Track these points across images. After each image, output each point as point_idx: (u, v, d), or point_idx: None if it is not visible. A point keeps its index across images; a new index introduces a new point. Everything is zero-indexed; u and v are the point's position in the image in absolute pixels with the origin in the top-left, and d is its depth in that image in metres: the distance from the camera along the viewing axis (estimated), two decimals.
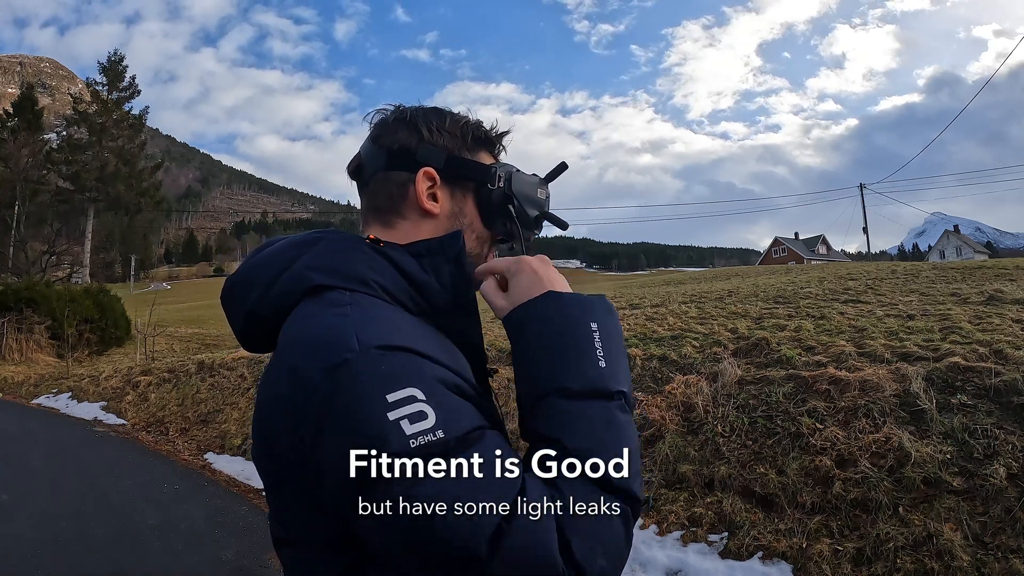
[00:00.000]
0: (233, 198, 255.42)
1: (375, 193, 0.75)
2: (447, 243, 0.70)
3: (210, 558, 3.50)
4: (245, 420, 6.44)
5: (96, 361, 13.49)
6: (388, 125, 0.74)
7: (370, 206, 0.75)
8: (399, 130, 0.73)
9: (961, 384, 3.36)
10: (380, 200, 0.74)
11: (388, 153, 0.73)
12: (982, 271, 8.73)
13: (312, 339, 0.59)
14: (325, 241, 0.70)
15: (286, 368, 0.59)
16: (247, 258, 0.75)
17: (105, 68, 40.88)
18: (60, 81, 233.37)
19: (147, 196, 41.15)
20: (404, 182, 0.72)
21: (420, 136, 0.72)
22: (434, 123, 0.73)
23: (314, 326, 0.61)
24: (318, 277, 0.65)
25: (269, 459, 0.62)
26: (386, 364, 0.55)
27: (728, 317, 6.25)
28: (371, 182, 0.75)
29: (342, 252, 0.68)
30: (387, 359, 0.55)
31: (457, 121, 0.74)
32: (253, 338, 0.72)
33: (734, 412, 3.79)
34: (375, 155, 0.74)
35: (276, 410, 0.59)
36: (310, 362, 0.56)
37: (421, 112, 0.74)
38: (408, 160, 0.72)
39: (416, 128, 0.73)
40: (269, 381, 0.62)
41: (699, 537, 3.12)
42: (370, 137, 0.76)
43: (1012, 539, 2.48)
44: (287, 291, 0.66)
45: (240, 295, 0.71)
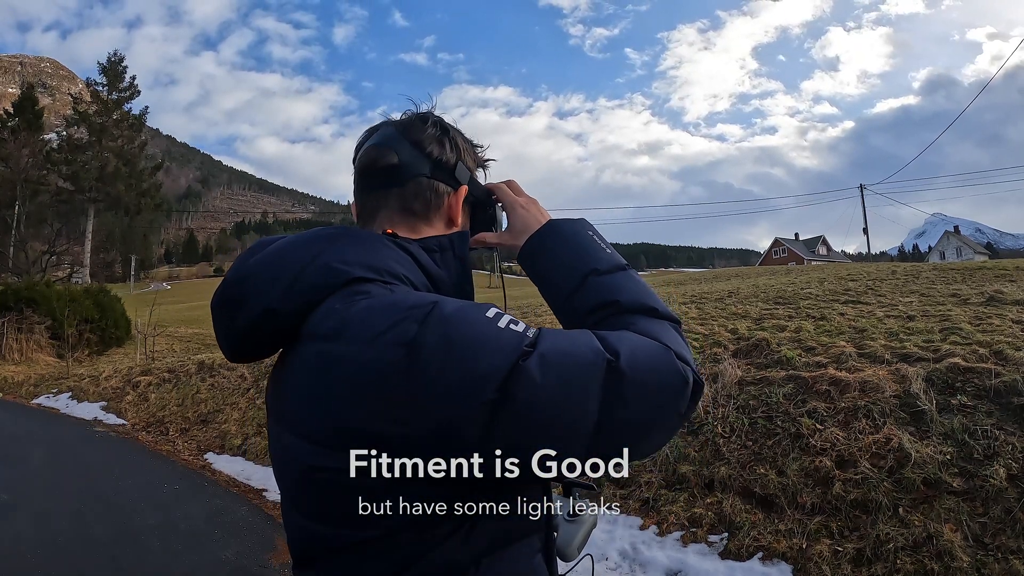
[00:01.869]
0: (233, 198, 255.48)
1: (412, 196, 0.77)
2: (456, 241, 0.77)
3: (210, 558, 3.50)
4: (245, 420, 6.44)
5: (96, 361, 13.48)
6: (434, 136, 0.78)
7: (401, 207, 0.77)
8: (445, 143, 0.79)
9: (961, 385, 3.36)
10: (416, 204, 0.77)
11: (435, 163, 0.77)
12: (982, 272, 8.74)
13: (384, 308, 0.60)
14: (348, 236, 0.70)
15: (362, 342, 0.58)
16: (243, 258, 0.71)
17: (105, 68, 40.95)
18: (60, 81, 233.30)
19: (147, 196, 41.23)
20: (443, 193, 0.78)
21: (459, 154, 0.80)
22: (464, 144, 0.82)
23: (378, 303, 0.61)
24: (357, 271, 0.65)
25: (343, 448, 0.58)
26: (464, 300, 0.63)
27: (728, 318, 6.26)
28: (409, 184, 0.76)
29: (371, 247, 0.69)
30: (458, 300, 0.63)
31: (472, 145, 0.84)
32: (255, 340, 0.69)
33: (734, 413, 3.79)
34: (419, 160, 0.77)
35: (364, 387, 0.56)
36: (399, 319, 0.58)
37: (456, 131, 0.82)
38: (448, 173, 0.78)
39: (457, 146, 0.80)
40: (329, 365, 0.59)
41: (699, 538, 3.12)
42: (409, 140, 0.77)
43: (1012, 540, 2.48)
44: (316, 285, 0.65)
45: (253, 292, 0.67)
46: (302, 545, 0.64)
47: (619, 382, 0.57)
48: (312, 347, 0.62)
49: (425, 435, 0.55)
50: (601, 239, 0.78)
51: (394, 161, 0.75)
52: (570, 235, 0.78)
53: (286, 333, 0.67)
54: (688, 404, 0.62)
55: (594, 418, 0.56)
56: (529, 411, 0.55)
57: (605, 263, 0.74)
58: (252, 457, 5.63)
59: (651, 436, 0.62)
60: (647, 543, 3.18)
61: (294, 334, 0.66)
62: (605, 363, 0.58)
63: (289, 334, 0.66)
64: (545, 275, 0.77)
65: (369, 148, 0.77)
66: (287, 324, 0.66)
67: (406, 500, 0.58)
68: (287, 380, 0.65)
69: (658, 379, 0.60)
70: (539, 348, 0.57)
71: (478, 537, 0.61)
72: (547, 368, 0.56)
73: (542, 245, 0.78)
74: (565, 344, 0.59)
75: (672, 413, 0.61)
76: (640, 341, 0.63)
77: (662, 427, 0.62)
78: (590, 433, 0.57)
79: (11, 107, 33.83)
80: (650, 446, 0.64)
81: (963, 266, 10.59)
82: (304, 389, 0.61)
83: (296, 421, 0.62)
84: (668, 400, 0.61)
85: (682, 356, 0.63)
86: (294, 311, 0.65)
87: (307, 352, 0.63)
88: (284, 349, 0.69)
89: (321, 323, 0.62)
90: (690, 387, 0.62)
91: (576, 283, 0.73)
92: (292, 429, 0.63)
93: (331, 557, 0.61)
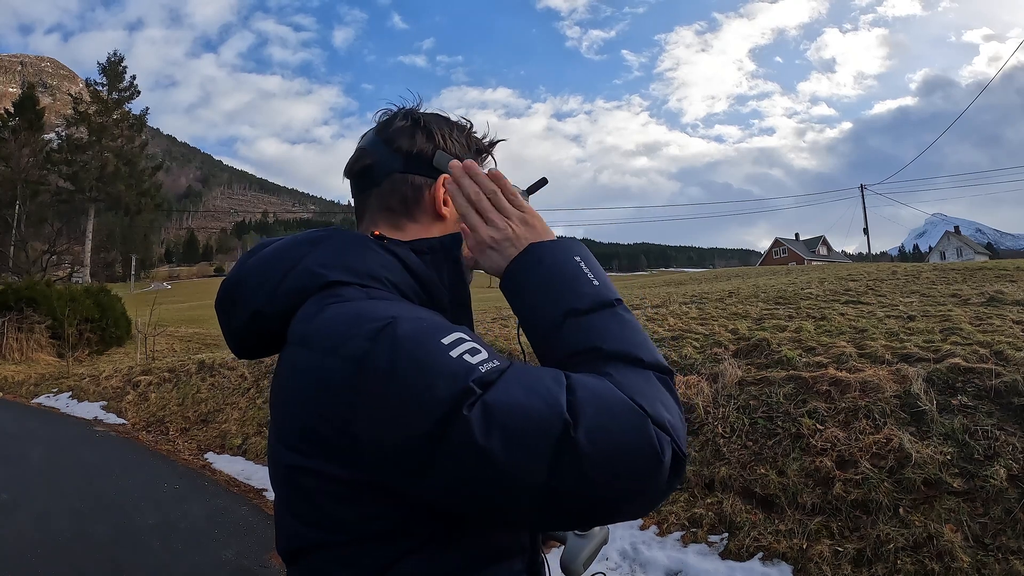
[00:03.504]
0: (234, 198, 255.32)
1: (388, 194, 0.75)
2: (448, 243, 0.74)
3: (210, 558, 3.50)
4: (245, 420, 6.44)
5: (96, 361, 13.49)
6: (404, 129, 0.76)
7: (381, 206, 0.76)
8: (416, 135, 0.75)
9: (962, 385, 3.36)
10: (393, 202, 0.75)
11: (406, 157, 0.75)
12: (983, 272, 8.72)
13: (347, 317, 0.59)
14: (331, 239, 0.71)
15: (322, 351, 0.58)
16: (243, 259, 0.74)
17: (105, 68, 40.93)
18: (61, 81, 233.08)
19: (147, 196, 41.23)
20: (420, 186, 0.75)
21: (435, 143, 0.76)
22: (446, 131, 0.77)
23: (344, 310, 0.61)
24: (333, 274, 0.65)
25: (308, 452, 0.59)
26: (426, 321, 0.59)
27: (729, 318, 6.25)
28: (384, 183, 0.76)
29: (352, 249, 0.69)
30: (424, 319, 0.60)
31: (463, 130, 0.80)
32: (252, 340, 0.72)
33: (734, 413, 3.79)
34: (390, 157, 0.75)
35: (319, 395, 0.57)
36: (353, 333, 0.57)
37: (434, 119, 0.78)
38: (425, 165, 0.75)
39: (432, 135, 0.76)
40: (296, 372, 0.61)
41: (699, 538, 3.12)
42: (382, 139, 0.76)
43: (1012, 540, 2.47)
44: (297, 288, 0.66)
45: (244, 295, 0.70)
46: (285, 542, 0.65)
47: (574, 453, 0.50)
48: (288, 350, 0.65)
49: (371, 453, 0.55)
50: (591, 266, 0.68)
51: (368, 162, 0.76)
52: (549, 264, 0.67)
53: (276, 334, 0.68)
54: (667, 481, 0.53)
55: (540, 482, 0.50)
56: (467, 461, 0.51)
57: (587, 300, 0.64)
58: (252, 457, 5.64)
59: (614, 511, 0.54)
60: (647, 543, 3.18)
61: (283, 336, 0.68)
62: (560, 427, 0.51)
63: (279, 335, 0.68)
64: (521, 312, 0.68)
65: (353, 154, 0.79)
66: (275, 326, 0.68)
67: (371, 509, 0.58)
68: (275, 380, 0.67)
69: (624, 456, 0.51)
70: (487, 395, 0.52)
71: (452, 555, 0.60)
72: (491, 423, 0.50)
73: (515, 279, 0.68)
74: (521, 395, 0.53)
75: (640, 491, 0.53)
76: (614, 403, 0.54)
77: (628, 504, 0.54)
78: (538, 498, 0.51)
79: (11, 107, 33.84)
80: (616, 518, 0.55)
81: (964, 266, 10.58)
82: (281, 390, 0.64)
83: (274, 421, 0.65)
84: (635, 479, 0.52)
85: (661, 422, 0.54)
86: (279, 314, 0.67)
87: (285, 354, 0.66)
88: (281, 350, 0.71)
89: (296, 327, 0.64)
90: (665, 464, 0.53)
91: (553, 324, 0.64)
92: (273, 428, 0.66)
93: (307, 555, 0.62)
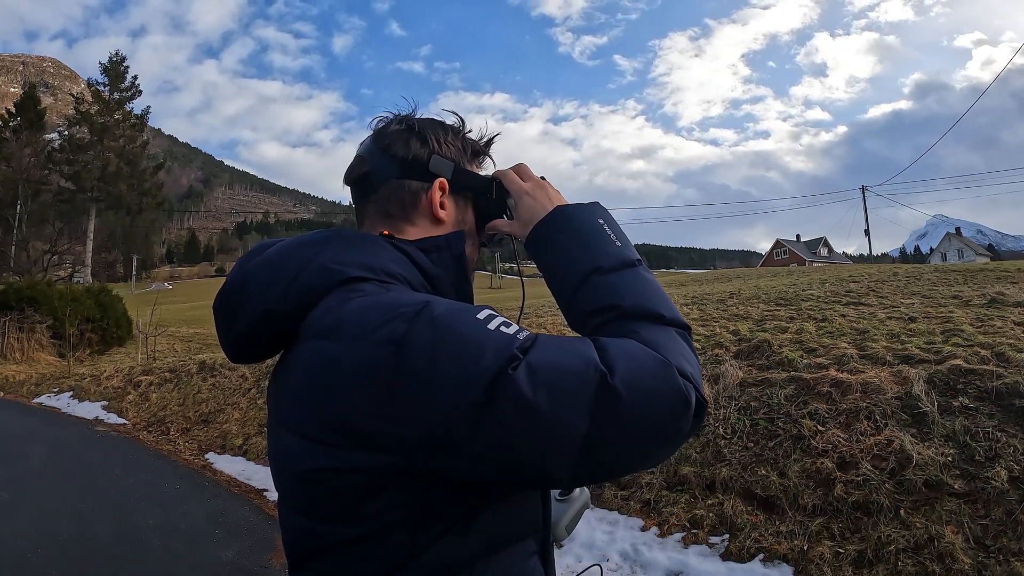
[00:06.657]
0: (235, 198, 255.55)
1: (386, 200, 0.77)
2: (452, 241, 0.77)
3: (211, 558, 3.50)
4: (246, 420, 6.45)
5: (97, 361, 13.49)
6: (399, 135, 0.78)
7: (380, 212, 0.77)
8: (411, 140, 0.77)
9: (963, 387, 3.36)
10: (392, 207, 0.77)
11: (402, 163, 0.77)
12: (984, 274, 8.72)
13: (379, 306, 0.60)
14: (341, 238, 0.71)
15: (352, 339, 0.58)
16: (242, 262, 0.73)
17: (106, 68, 40.95)
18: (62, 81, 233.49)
19: (149, 196, 41.25)
20: (417, 191, 0.77)
21: (430, 148, 0.77)
22: (441, 135, 0.79)
23: (372, 301, 0.61)
24: (352, 270, 0.66)
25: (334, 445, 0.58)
26: (456, 302, 0.62)
27: (730, 319, 6.25)
28: (381, 189, 0.77)
29: (365, 247, 0.70)
30: (454, 301, 0.62)
31: (458, 133, 0.82)
32: (258, 342, 0.71)
33: (736, 414, 3.79)
34: (387, 164, 0.77)
35: (351, 383, 0.57)
36: (389, 318, 0.57)
37: (428, 124, 0.80)
38: (421, 170, 0.77)
39: (426, 140, 0.78)
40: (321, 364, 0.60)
41: (700, 539, 3.12)
42: (378, 146, 0.78)
43: (1013, 542, 2.47)
44: (312, 286, 0.66)
45: (251, 295, 0.69)
46: (298, 544, 0.64)
47: (613, 400, 0.55)
48: (309, 345, 0.63)
49: (413, 433, 0.55)
50: (613, 228, 0.74)
51: (365, 169, 0.78)
52: (576, 225, 0.73)
53: (285, 334, 0.68)
54: (691, 424, 0.58)
55: (583, 432, 0.54)
56: (515, 419, 0.53)
57: (611, 259, 0.70)
58: (253, 457, 5.64)
59: (647, 457, 0.59)
60: (648, 544, 3.18)
61: (293, 335, 0.67)
62: (598, 377, 0.55)
63: (288, 335, 0.67)
64: (549, 270, 0.74)
65: (352, 162, 0.80)
66: (286, 325, 0.67)
67: (397, 498, 0.58)
68: (286, 379, 0.66)
69: (657, 401, 0.56)
70: (529, 357, 0.55)
71: (473, 538, 0.61)
72: (536, 379, 0.54)
73: (545, 237, 0.74)
74: (557, 355, 0.57)
75: (671, 435, 0.58)
76: (642, 356, 0.59)
77: (659, 448, 0.59)
78: (579, 449, 0.55)
79: (13, 107, 33.89)
80: (646, 465, 0.61)
81: (965, 268, 10.58)
82: (301, 387, 0.62)
83: (293, 419, 0.63)
84: (667, 423, 0.57)
85: (684, 372, 0.59)
86: (292, 312, 0.66)
87: (304, 350, 0.64)
88: (284, 350, 0.70)
89: (317, 321, 0.63)
90: (692, 408, 0.58)
91: (578, 281, 0.70)
92: (289, 427, 0.63)
93: (326, 555, 0.61)
